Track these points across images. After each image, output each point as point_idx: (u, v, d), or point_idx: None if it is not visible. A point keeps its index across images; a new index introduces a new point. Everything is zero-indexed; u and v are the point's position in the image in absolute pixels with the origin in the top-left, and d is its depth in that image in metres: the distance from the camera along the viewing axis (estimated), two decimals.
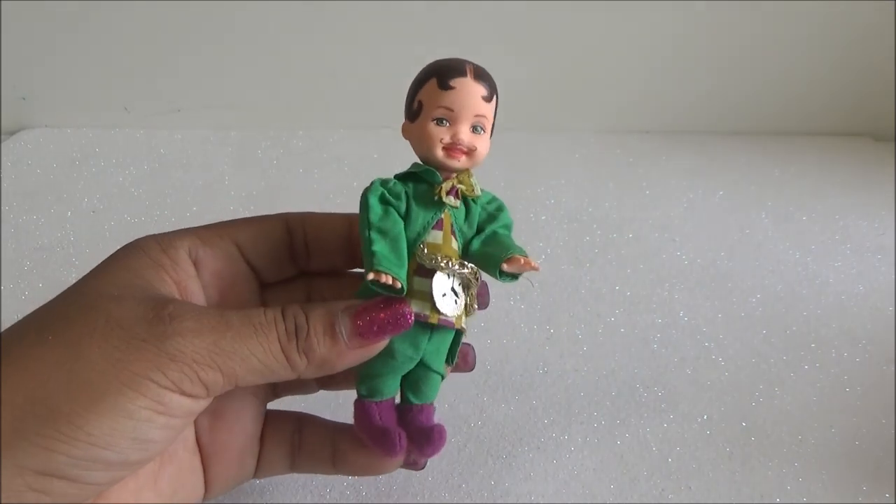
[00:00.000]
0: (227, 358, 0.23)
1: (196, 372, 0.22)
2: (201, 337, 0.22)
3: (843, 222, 0.56)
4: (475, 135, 0.26)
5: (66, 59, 0.64)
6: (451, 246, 0.26)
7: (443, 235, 0.26)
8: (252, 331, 0.23)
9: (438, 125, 0.26)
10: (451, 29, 0.62)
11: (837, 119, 0.69)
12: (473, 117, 0.26)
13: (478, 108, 0.26)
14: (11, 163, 0.61)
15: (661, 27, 0.63)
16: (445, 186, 0.26)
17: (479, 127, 0.26)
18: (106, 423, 0.21)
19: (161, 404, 0.22)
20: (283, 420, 0.30)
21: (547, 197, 0.58)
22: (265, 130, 0.66)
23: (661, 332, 0.44)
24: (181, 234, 0.27)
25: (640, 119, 0.69)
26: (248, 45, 0.63)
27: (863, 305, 0.47)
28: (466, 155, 0.26)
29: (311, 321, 0.24)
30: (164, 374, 0.21)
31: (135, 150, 0.63)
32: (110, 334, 0.22)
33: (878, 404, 0.40)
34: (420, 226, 0.26)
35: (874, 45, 0.64)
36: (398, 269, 0.24)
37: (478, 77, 0.26)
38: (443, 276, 0.25)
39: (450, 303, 0.25)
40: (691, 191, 0.60)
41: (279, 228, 0.28)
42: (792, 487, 0.35)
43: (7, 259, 0.49)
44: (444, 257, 0.25)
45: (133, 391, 0.21)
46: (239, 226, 0.28)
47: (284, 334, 0.24)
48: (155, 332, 0.22)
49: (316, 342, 0.24)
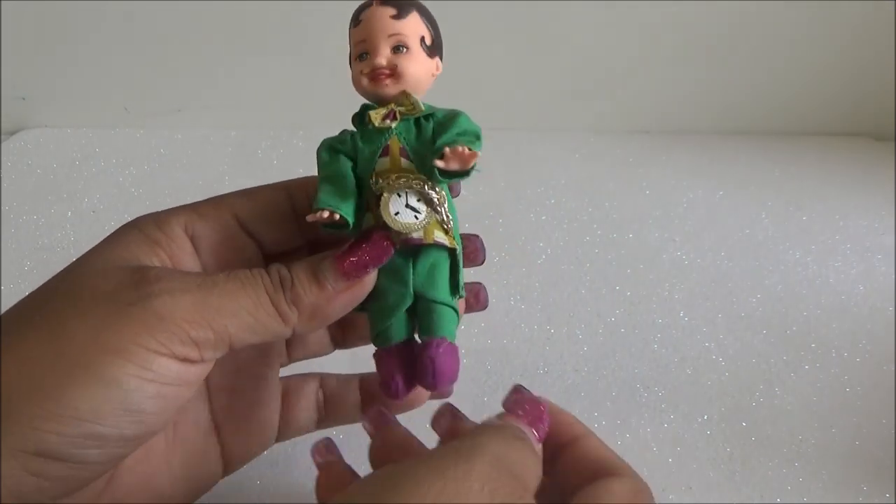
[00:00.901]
0: (217, 314, 0.22)
1: (186, 331, 0.21)
2: (188, 294, 0.22)
3: (843, 222, 0.56)
4: (397, 54, 0.25)
5: (66, 59, 0.64)
6: (400, 168, 0.25)
7: (390, 160, 0.25)
8: (239, 285, 0.23)
9: (361, 61, 0.25)
10: (452, 29, 0.61)
11: (837, 119, 0.69)
12: (388, 38, 0.25)
13: (389, 28, 0.25)
14: (11, 163, 0.61)
15: (661, 27, 0.63)
16: (378, 112, 0.25)
17: (401, 46, 0.25)
18: (93, 394, 0.20)
19: (149, 370, 0.21)
20: (302, 381, 0.30)
21: (547, 197, 0.58)
22: (265, 130, 0.66)
23: (661, 332, 0.44)
24: (178, 209, 0.26)
25: (640, 119, 0.69)
26: (248, 45, 0.63)
27: (863, 305, 0.47)
28: (391, 77, 0.25)
29: (293, 272, 0.24)
30: (151, 337, 0.21)
31: (135, 150, 0.63)
32: (95, 306, 0.21)
33: (878, 404, 0.40)
34: (366, 158, 0.25)
35: (874, 45, 0.64)
36: (339, 203, 0.24)
37: (385, 1, 0.25)
38: (390, 195, 0.25)
39: (407, 218, 0.24)
40: (691, 191, 0.60)
41: (281, 196, 0.28)
42: (792, 487, 0.35)
43: (7, 259, 0.49)
44: (387, 178, 0.25)
45: (119, 358, 0.20)
46: (238, 196, 0.28)
47: (271, 285, 0.23)
48: (141, 294, 0.21)
49: (302, 291, 0.24)
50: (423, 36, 0.26)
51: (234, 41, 0.63)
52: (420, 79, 0.26)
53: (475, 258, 0.29)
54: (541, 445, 0.24)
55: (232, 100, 0.66)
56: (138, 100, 0.66)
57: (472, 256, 0.29)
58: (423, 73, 0.26)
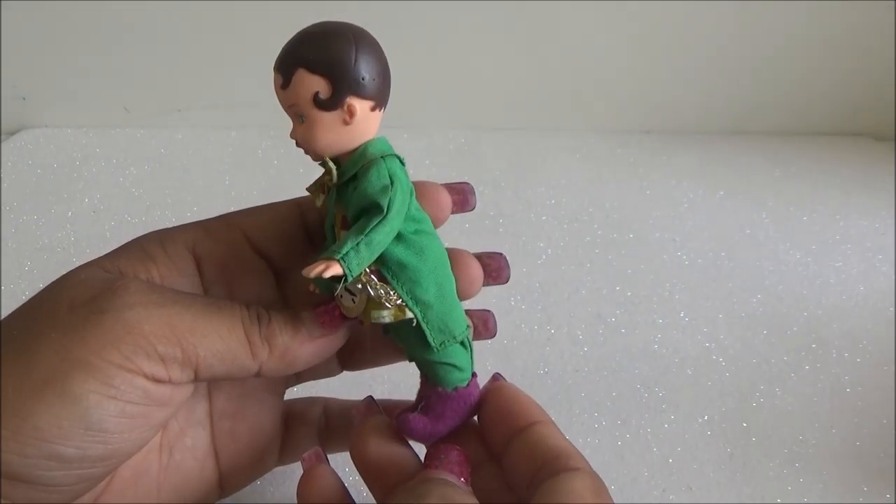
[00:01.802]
0: (188, 332, 0.21)
1: (153, 345, 0.21)
2: (162, 308, 0.21)
3: (843, 222, 0.56)
4: (300, 126, 0.23)
5: (66, 59, 0.64)
6: None
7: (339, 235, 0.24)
8: (216, 309, 0.23)
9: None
10: (451, 29, 0.62)
11: (837, 119, 0.69)
12: (289, 110, 0.23)
13: (283, 100, 0.23)
14: (11, 163, 0.61)
15: (661, 27, 0.63)
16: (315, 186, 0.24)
17: (300, 116, 0.23)
18: (52, 412, 0.19)
19: (111, 386, 0.20)
20: (306, 405, 0.30)
21: (547, 197, 0.58)
22: (265, 130, 0.66)
23: (661, 333, 0.44)
24: (187, 227, 0.26)
25: (640, 119, 0.69)
26: (249, 45, 0.63)
27: (863, 306, 0.47)
28: (307, 150, 0.24)
29: (272, 312, 0.24)
30: (116, 350, 0.20)
31: (135, 150, 0.63)
32: (69, 316, 0.21)
33: (878, 405, 0.40)
34: (328, 229, 0.25)
35: (874, 45, 0.64)
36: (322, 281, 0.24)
37: (276, 67, 0.23)
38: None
39: (347, 302, 0.24)
40: (691, 191, 0.60)
41: (291, 212, 0.27)
42: (793, 488, 0.35)
43: (7, 259, 0.49)
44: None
45: (81, 372, 0.20)
46: (248, 214, 0.27)
47: (248, 317, 0.23)
48: (115, 303, 0.21)
49: (278, 329, 0.24)
50: (316, 92, 0.22)
51: (234, 41, 0.63)
52: (330, 142, 0.23)
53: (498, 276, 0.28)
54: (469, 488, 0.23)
55: (232, 100, 0.66)
56: (138, 100, 0.66)
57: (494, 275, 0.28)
58: (331, 133, 0.23)
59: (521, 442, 0.24)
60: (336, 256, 0.21)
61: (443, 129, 0.63)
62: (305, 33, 0.23)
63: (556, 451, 0.23)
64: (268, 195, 0.48)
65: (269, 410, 0.29)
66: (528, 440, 0.24)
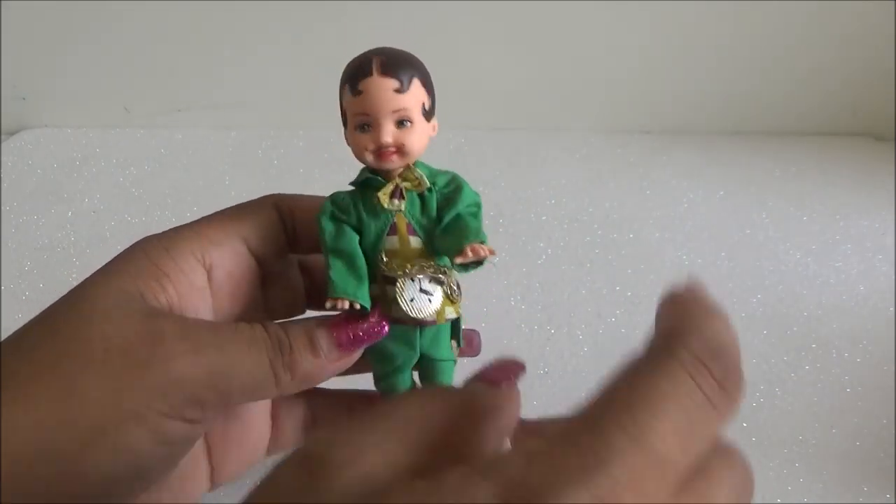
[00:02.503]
0: (223, 377, 0.22)
1: (196, 394, 0.22)
2: (200, 356, 0.22)
3: (843, 222, 0.56)
4: (402, 130, 0.25)
5: (66, 59, 0.64)
6: (409, 247, 0.26)
7: (399, 239, 0.25)
8: (245, 347, 0.23)
9: (362, 132, 0.25)
10: (451, 29, 0.62)
11: (837, 119, 0.69)
12: (392, 114, 0.24)
13: (392, 103, 0.24)
14: (11, 163, 0.61)
15: (661, 27, 0.63)
16: (386, 191, 0.25)
17: (405, 121, 0.24)
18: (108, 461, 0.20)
19: (162, 433, 0.21)
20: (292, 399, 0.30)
21: (547, 197, 0.58)
22: (265, 130, 0.66)
23: None
24: (188, 235, 0.26)
25: (640, 119, 0.69)
26: (248, 44, 0.63)
27: (863, 306, 0.47)
28: (397, 154, 0.25)
29: (291, 337, 0.24)
30: (164, 402, 0.21)
31: (135, 150, 0.63)
32: (108, 361, 0.21)
33: (878, 404, 0.40)
34: (374, 235, 0.26)
35: (874, 45, 0.64)
36: (356, 289, 0.25)
37: (385, 71, 0.24)
38: (405, 282, 0.25)
39: (422, 304, 0.25)
40: (691, 191, 0.60)
41: (273, 214, 0.28)
42: (793, 488, 0.35)
43: (7, 259, 0.49)
44: (402, 264, 0.25)
45: (133, 423, 0.21)
46: (241, 218, 0.28)
47: (272, 349, 0.24)
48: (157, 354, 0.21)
49: (299, 357, 0.24)
50: (423, 102, 0.25)
51: (234, 41, 0.63)
52: (421, 148, 0.25)
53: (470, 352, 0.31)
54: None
55: (232, 100, 0.66)
56: (138, 100, 0.66)
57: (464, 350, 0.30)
58: (423, 142, 0.25)
59: None
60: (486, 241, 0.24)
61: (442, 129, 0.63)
62: (401, 51, 0.25)
63: None
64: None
65: (259, 406, 0.29)
66: None
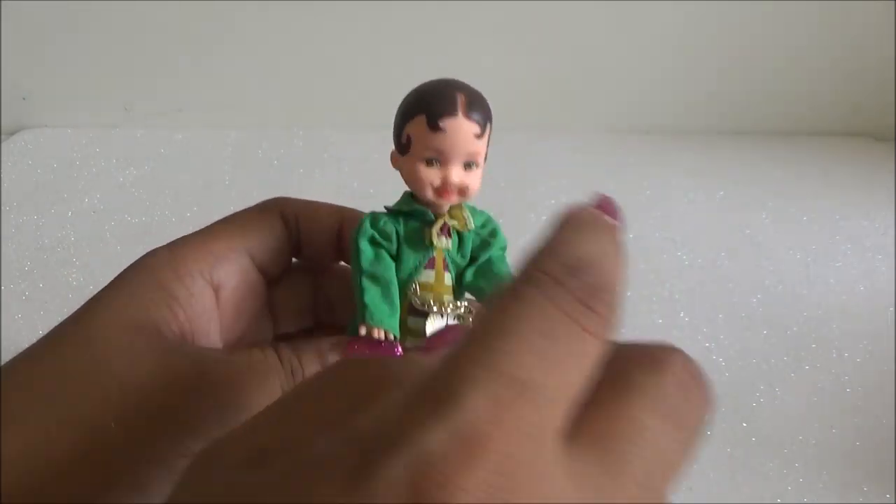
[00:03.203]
0: (236, 412, 0.23)
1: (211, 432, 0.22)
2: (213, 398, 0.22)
3: (843, 222, 0.56)
4: (468, 171, 0.25)
5: (66, 59, 0.64)
6: (443, 283, 0.25)
7: (435, 274, 0.25)
8: (258, 382, 0.23)
9: (429, 166, 0.24)
10: (451, 29, 0.62)
11: (837, 119, 0.69)
12: (465, 155, 0.24)
13: (469, 146, 0.24)
14: (11, 163, 0.61)
15: (661, 27, 0.63)
16: (436, 228, 0.25)
17: (472, 163, 0.25)
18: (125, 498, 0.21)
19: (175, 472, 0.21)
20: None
21: (547, 197, 0.58)
22: (265, 130, 0.66)
23: (661, 333, 0.44)
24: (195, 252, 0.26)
25: (641, 119, 0.69)
26: (248, 44, 0.63)
27: (863, 305, 0.47)
28: (458, 194, 0.25)
29: (304, 364, 0.24)
30: (182, 444, 0.21)
31: (135, 150, 0.63)
32: (125, 404, 0.21)
33: (878, 404, 0.40)
34: (412, 266, 0.25)
35: (874, 45, 0.64)
36: (390, 319, 0.24)
37: (469, 112, 0.24)
38: (435, 317, 0.25)
39: None
40: (691, 191, 0.60)
41: (278, 223, 0.28)
42: (792, 488, 0.35)
43: (7, 259, 0.49)
44: (437, 299, 0.25)
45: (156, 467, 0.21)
46: (247, 231, 0.27)
47: (285, 382, 0.24)
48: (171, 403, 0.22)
49: None
50: (488, 147, 0.26)
51: (234, 41, 0.63)
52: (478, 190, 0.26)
53: None
54: None
55: (232, 100, 0.66)
56: (138, 100, 0.66)
57: None
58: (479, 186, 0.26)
59: None
60: None
61: None
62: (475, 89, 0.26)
63: None
64: (268, 195, 0.48)
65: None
66: None
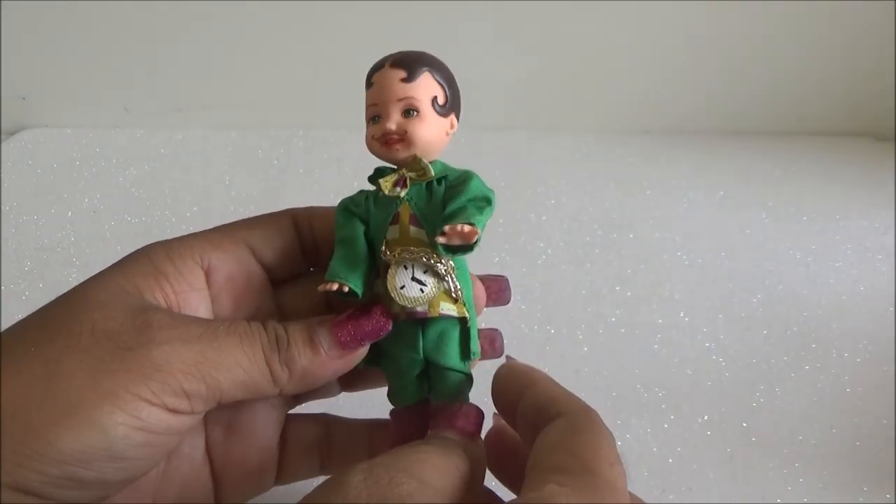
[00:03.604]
0: (212, 368, 0.22)
1: (180, 383, 0.22)
2: (188, 346, 0.22)
3: (843, 222, 0.56)
4: (408, 119, 0.25)
5: (66, 59, 0.64)
6: (409, 236, 0.25)
7: (399, 228, 0.25)
8: (237, 339, 0.23)
9: (374, 124, 0.25)
10: (452, 29, 0.61)
11: (838, 119, 0.69)
12: (397, 102, 0.25)
13: (398, 91, 0.25)
14: (11, 163, 0.61)
15: (661, 27, 0.63)
16: (389, 179, 0.25)
17: (411, 110, 0.25)
18: (80, 439, 0.20)
19: (139, 419, 0.21)
20: (307, 423, 0.30)
21: (547, 197, 0.58)
22: (265, 130, 0.66)
23: (661, 333, 0.44)
24: (191, 240, 0.26)
25: (640, 119, 0.69)
26: (248, 44, 0.63)
27: (863, 306, 0.47)
28: (402, 142, 0.25)
29: (290, 333, 0.24)
30: (145, 386, 0.21)
31: (135, 150, 0.63)
32: (93, 345, 0.21)
33: (878, 404, 0.40)
34: (378, 224, 0.26)
35: (874, 45, 0.64)
36: (347, 274, 0.25)
37: (396, 63, 0.25)
38: (396, 268, 0.25)
39: (413, 292, 0.25)
40: (691, 191, 0.60)
41: (288, 225, 0.28)
42: (792, 488, 0.35)
43: (7, 259, 0.49)
44: (394, 249, 0.25)
45: (109, 405, 0.20)
46: (250, 226, 0.28)
47: (268, 344, 0.23)
48: (142, 340, 0.21)
49: (297, 353, 0.24)
50: (436, 96, 0.25)
51: (233, 41, 0.63)
52: (431, 141, 0.25)
53: (499, 298, 0.29)
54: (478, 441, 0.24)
55: (232, 100, 0.66)
56: (138, 100, 0.66)
57: (495, 297, 0.29)
58: (435, 136, 0.26)
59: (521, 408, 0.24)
60: (476, 224, 0.23)
61: None
62: (421, 51, 0.26)
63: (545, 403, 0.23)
64: (268, 195, 0.49)
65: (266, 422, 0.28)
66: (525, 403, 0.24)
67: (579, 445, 0.21)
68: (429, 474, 0.20)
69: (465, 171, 0.26)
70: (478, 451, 0.24)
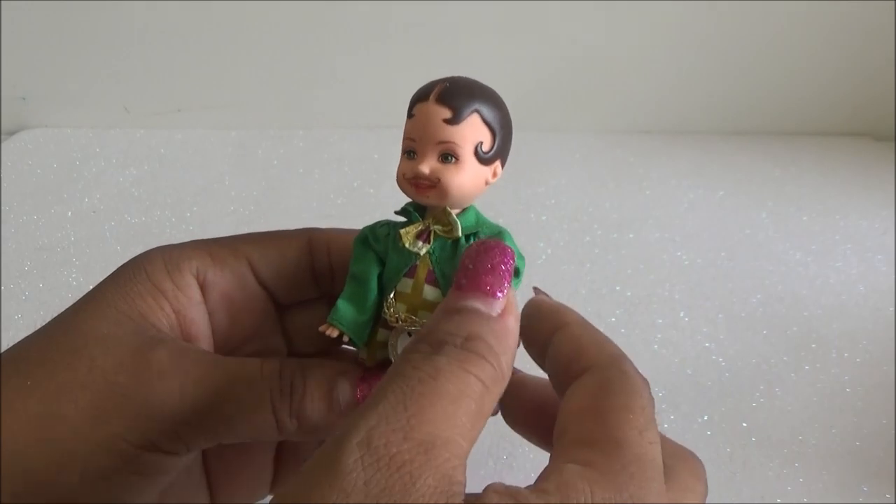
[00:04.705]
0: (213, 416, 0.21)
1: (177, 431, 0.21)
2: (188, 390, 0.21)
3: (843, 222, 0.56)
4: (444, 165, 0.22)
5: (66, 59, 0.64)
6: (420, 296, 0.23)
7: (413, 284, 0.23)
8: (244, 388, 0.22)
9: (408, 159, 0.22)
10: (452, 29, 0.62)
11: (837, 119, 0.69)
12: (436, 145, 0.22)
13: (439, 134, 0.22)
14: (11, 163, 0.61)
15: (662, 27, 0.63)
16: (411, 230, 0.23)
17: (449, 155, 0.22)
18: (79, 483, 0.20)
19: (135, 464, 0.21)
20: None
21: (547, 197, 0.58)
22: (265, 130, 0.66)
23: (661, 333, 0.44)
24: (191, 251, 0.25)
25: (641, 119, 0.69)
26: (248, 44, 0.63)
27: (863, 306, 0.47)
28: (434, 189, 0.22)
29: (308, 385, 0.23)
30: (141, 434, 0.21)
31: (135, 150, 0.63)
32: (90, 386, 0.21)
33: (878, 404, 0.40)
34: (393, 272, 0.23)
35: (874, 45, 0.64)
36: (350, 322, 0.23)
37: (442, 99, 0.22)
38: (399, 334, 0.23)
39: None
40: (691, 191, 0.60)
41: (300, 247, 0.26)
42: (792, 488, 0.35)
43: (7, 259, 0.49)
44: (405, 312, 0.23)
45: (104, 453, 0.20)
46: (255, 242, 0.26)
47: (278, 394, 0.22)
48: (140, 383, 0.21)
49: (310, 407, 0.22)
50: (481, 142, 0.22)
51: (234, 41, 0.63)
52: (467, 192, 0.23)
53: None
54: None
55: (232, 100, 0.66)
56: (138, 100, 0.66)
57: None
58: (472, 185, 0.23)
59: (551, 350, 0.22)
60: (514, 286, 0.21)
61: None
62: (476, 83, 0.23)
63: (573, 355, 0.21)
64: (268, 195, 0.49)
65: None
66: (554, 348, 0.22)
67: (606, 409, 0.19)
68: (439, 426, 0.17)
69: (498, 231, 0.24)
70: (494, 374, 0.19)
